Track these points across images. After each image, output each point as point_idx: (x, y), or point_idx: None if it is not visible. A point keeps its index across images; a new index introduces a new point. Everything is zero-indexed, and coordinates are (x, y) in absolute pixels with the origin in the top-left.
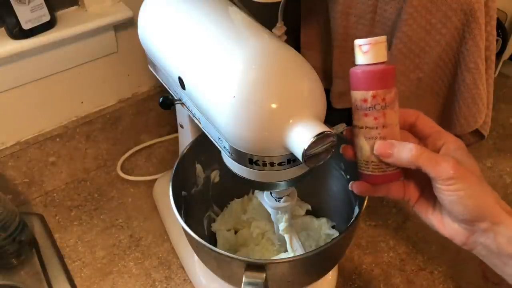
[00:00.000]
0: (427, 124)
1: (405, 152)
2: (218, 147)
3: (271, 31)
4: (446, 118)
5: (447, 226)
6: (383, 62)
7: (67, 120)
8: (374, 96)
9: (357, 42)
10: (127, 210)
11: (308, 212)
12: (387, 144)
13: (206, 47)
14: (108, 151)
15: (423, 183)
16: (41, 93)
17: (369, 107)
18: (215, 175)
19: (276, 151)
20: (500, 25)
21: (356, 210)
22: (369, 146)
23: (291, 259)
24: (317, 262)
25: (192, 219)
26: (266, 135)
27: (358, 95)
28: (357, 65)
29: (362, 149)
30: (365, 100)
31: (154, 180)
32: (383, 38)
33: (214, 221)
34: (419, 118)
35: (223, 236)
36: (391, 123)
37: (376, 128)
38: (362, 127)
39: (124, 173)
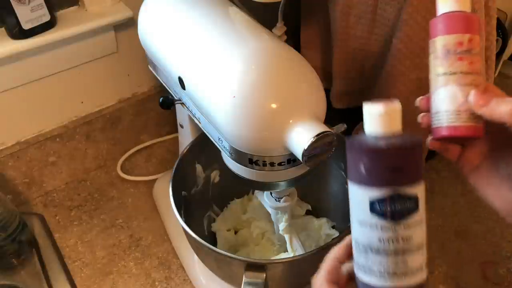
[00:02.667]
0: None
1: (505, 104)
2: (218, 147)
3: (271, 31)
4: None
5: (505, 199)
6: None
7: (67, 120)
8: (470, 40)
9: None
10: (127, 210)
11: (308, 212)
12: (487, 92)
13: (206, 47)
14: (108, 151)
15: (489, 150)
16: (41, 93)
17: (465, 51)
18: (215, 175)
19: (276, 151)
20: (500, 25)
21: None
22: (463, 92)
23: (291, 259)
24: (317, 262)
25: (192, 219)
26: (266, 135)
27: (451, 39)
28: (446, 12)
29: (452, 97)
30: (460, 44)
31: (154, 180)
32: None
33: (214, 221)
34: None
35: (223, 236)
36: (483, 72)
37: (471, 73)
38: (454, 73)
39: (124, 173)
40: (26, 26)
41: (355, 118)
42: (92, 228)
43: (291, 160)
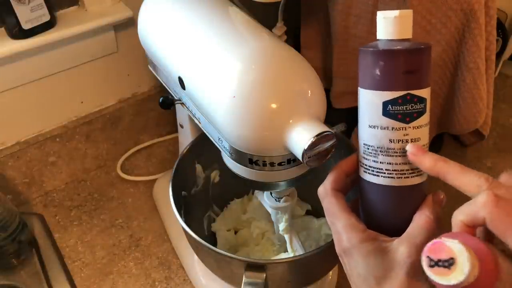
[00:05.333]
0: None
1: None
2: (218, 147)
3: (271, 31)
4: (446, 118)
5: None
6: None
7: (67, 120)
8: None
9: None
10: (127, 210)
11: (308, 212)
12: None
13: (206, 47)
14: (108, 151)
15: None
16: (41, 93)
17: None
18: (215, 175)
19: (276, 151)
20: (500, 25)
21: None
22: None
23: (291, 259)
24: (317, 262)
25: (192, 219)
26: (266, 135)
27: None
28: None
29: None
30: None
31: (154, 180)
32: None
33: (214, 221)
34: None
35: (223, 236)
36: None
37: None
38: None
39: (124, 173)
40: (26, 26)
41: (355, 118)
42: (92, 228)
43: (291, 160)
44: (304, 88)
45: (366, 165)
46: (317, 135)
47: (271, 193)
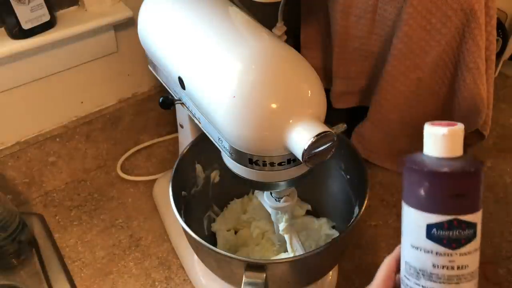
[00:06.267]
0: None
1: None
2: (218, 147)
3: (271, 31)
4: (446, 118)
5: None
6: None
7: (67, 120)
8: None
9: None
10: (127, 210)
11: (308, 212)
12: None
13: (206, 47)
14: (108, 151)
15: None
16: (41, 93)
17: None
18: (215, 175)
19: (276, 151)
20: (500, 25)
21: (356, 210)
22: None
23: (291, 259)
24: (317, 262)
25: (192, 219)
26: (266, 135)
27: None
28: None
29: None
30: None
31: (154, 180)
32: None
33: (214, 221)
34: None
35: (223, 236)
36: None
37: None
38: None
39: (124, 173)
40: (26, 26)
41: (355, 118)
42: (92, 228)
43: (291, 160)
44: (304, 88)
45: (407, 285)
46: (317, 135)
47: (271, 193)
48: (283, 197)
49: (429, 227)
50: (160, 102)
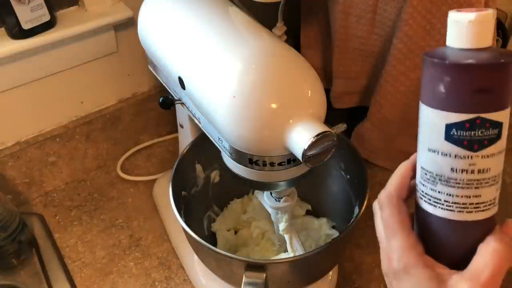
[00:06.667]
0: None
1: None
2: (218, 147)
3: (271, 31)
4: None
5: None
6: None
7: (67, 120)
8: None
9: None
10: (127, 210)
11: (308, 212)
12: None
13: (206, 47)
14: (108, 151)
15: None
16: (41, 93)
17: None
18: (215, 175)
19: (276, 151)
20: (500, 25)
21: (356, 210)
22: None
23: (291, 259)
24: (317, 262)
25: (192, 219)
26: (266, 135)
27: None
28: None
29: None
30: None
31: (154, 180)
32: None
33: (214, 221)
34: None
35: (223, 236)
36: None
37: None
38: None
39: (124, 173)
40: (26, 26)
41: (355, 118)
42: (92, 228)
43: (291, 160)
44: (304, 88)
45: (422, 191)
46: (317, 135)
47: (271, 193)
48: (283, 197)
49: (448, 127)
50: (160, 102)
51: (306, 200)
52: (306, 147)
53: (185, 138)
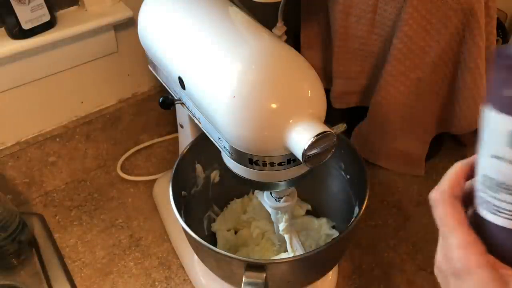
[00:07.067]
0: None
1: None
2: (218, 147)
3: (271, 31)
4: (446, 118)
5: None
6: None
7: (67, 120)
8: None
9: None
10: (127, 210)
11: (308, 212)
12: None
13: (206, 47)
14: (108, 151)
15: None
16: (41, 93)
17: None
18: (215, 175)
19: (276, 151)
20: (500, 25)
21: (356, 210)
22: None
23: (291, 259)
24: (317, 262)
25: (192, 219)
26: (266, 135)
27: None
28: None
29: None
30: None
31: (154, 180)
32: None
33: (214, 221)
34: None
35: (223, 236)
36: None
37: None
38: None
39: (124, 173)
40: (26, 26)
41: (355, 118)
42: (92, 228)
43: (291, 160)
44: (304, 88)
45: (482, 198)
46: (317, 135)
47: (271, 193)
48: (283, 197)
49: None
50: (160, 102)
51: (306, 200)
52: (306, 147)
53: (185, 138)
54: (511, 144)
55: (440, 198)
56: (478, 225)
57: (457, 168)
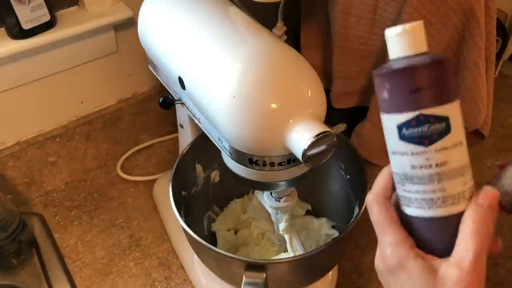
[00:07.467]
0: None
1: None
2: (218, 147)
3: (271, 31)
4: None
5: None
6: None
7: (67, 120)
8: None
9: None
10: (127, 210)
11: (308, 212)
12: None
13: (206, 47)
14: (108, 151)
15: None
16: (41, 93)
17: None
18: (215, 175)
19: (276, 151)
20: (500, 25)
21: (356, 210)
22: None
23: (291, 259)
24: (317, 262)
25: (192, 219)
26: (266, 135)
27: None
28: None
29: None
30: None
31: (154, 180)
32: None
33: (214, 221)
34: None
35: (223, 236)
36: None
37: None
38: None
39: (124, 173)
40: (26, 26)
41: (355, 118)
42: (92, 228)
43: (291, 160)
44: (304, 88)
45: (398, 195)
46: (317, 135)
47: (271, 193)
48: (283, 197)
49: (399, 128)
50: (160, 102)
51: (306, 200)
52: (306, 147)
53: (185, 138)
54: (400, 137)
55: (373, 200)
56: (404, 222)
57: (384, 172)
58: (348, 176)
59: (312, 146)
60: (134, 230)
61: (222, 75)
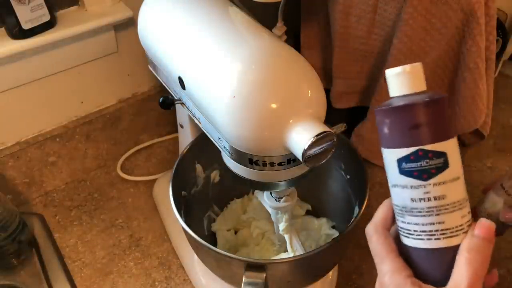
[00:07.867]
0: None
1: None
2: (218, 147)
3: (271, 31)
4: None
5: None
6: None
7: (67, 120)
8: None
9: None
10: (127, 210)
11: (308, 212)
12: None
13: (206, 47)
14: (108, 151)
15: None
16: (41, 93)
17: None
18: (215, 175)
19: (276, 151)
20: (500, 25)
21: (356, 210)
22: None
23: (291, 259)
24: (317, 262)
25: (192, 219)
26: (266, 135)
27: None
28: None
29: None
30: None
31: (154, 180)
32: None
33: (214, 221)
34: None
35: (223, 236)
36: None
37: None
38: None
39: (124, 173)
40: (26, 26)
41: (355, 118)
42: (92, 228)
43: (291, 160)
44: (304, 88)
45: (398, 226)
46: (317, 135)
47: (271, 193)
48: (283, 197)
49: (399, 162)
50: (160, 102)
51: (306, 200)
52: (306, 147)
53: (185, 138)
54: (400, 171)
55: (372, 229)
56: (403, 253)
57: (386, 203)
58: (348, 176)
59: (312, 146)
60: (134, 230)
61: (222, 75)
